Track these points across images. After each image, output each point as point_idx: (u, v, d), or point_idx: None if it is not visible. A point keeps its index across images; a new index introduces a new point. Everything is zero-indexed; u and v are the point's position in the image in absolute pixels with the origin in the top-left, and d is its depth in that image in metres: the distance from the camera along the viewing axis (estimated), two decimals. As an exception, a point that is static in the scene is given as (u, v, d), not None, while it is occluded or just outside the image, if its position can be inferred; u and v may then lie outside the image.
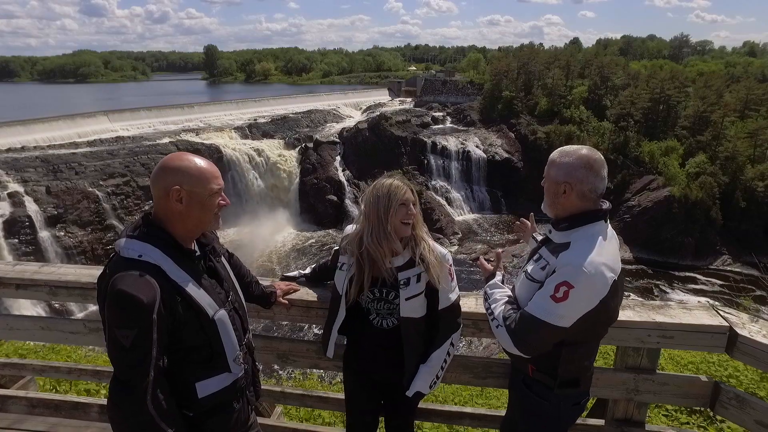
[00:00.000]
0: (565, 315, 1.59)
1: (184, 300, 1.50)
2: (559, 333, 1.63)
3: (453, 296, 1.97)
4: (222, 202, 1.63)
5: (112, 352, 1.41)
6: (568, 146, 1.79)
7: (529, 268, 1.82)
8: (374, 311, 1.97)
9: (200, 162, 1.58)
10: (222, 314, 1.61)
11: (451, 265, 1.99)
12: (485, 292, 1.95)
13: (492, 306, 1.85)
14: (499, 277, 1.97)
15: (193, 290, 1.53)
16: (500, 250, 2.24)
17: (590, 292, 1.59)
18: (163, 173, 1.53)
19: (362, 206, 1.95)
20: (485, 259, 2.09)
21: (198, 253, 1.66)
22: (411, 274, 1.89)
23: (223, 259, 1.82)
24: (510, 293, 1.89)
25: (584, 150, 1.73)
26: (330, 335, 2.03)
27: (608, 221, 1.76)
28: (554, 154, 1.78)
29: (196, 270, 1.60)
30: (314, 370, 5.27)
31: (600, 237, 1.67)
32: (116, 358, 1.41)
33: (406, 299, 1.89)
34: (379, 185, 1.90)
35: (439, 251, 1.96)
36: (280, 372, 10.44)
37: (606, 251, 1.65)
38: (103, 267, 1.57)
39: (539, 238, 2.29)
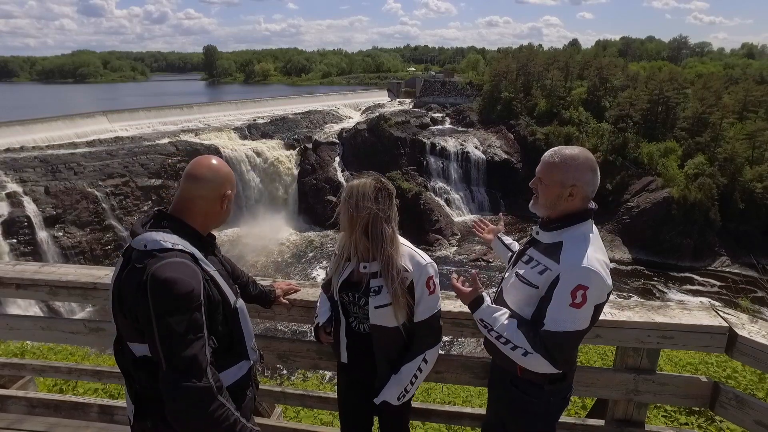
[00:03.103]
0: (586, 316, 1.64)
1: (215, 288, 1.56)
2: (583, 335, 1.68)
3: (431, 311, 1.86)
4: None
5: (164, 341, 1.37)
6: (563, 148, 1.78)
7: (521, 270, 1.80)
8: (352, 314, 1.94)
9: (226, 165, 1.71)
10: (241, 303, 1.69)
11: (430, 277, 1.84)
12: (481, 320, 1.80)
13: (505, 334, 1.72)
14: (487, 299, 1.83)
15: (220, 279, 1.60)
16: (474, 271, 2.05)
17: (601, 288, 1.63)
18: (218, 177, 1.63)
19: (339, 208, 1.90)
20: (459, 283, 1.89)
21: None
22: (382, 282, 1.82)
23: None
24: (506, 311, 1.80)
25: (584, 152, 1.75)
26: (340, 341, 2.00)
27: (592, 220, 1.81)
28: (554, 157, 1.74)
29: (216, 261, 1.68)
30: (316, 370, 5.27)
31: (591, 235, 1.72)
32: (171, 346, 1.37)
33: (375, 308, 1.83)
34: (351, 186, 1.83)
35: (416, 261, 1.84)
36: (286, 370, 10.42)
37: (598, 247, 1.70)
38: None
39: (507, 240, 2.30)
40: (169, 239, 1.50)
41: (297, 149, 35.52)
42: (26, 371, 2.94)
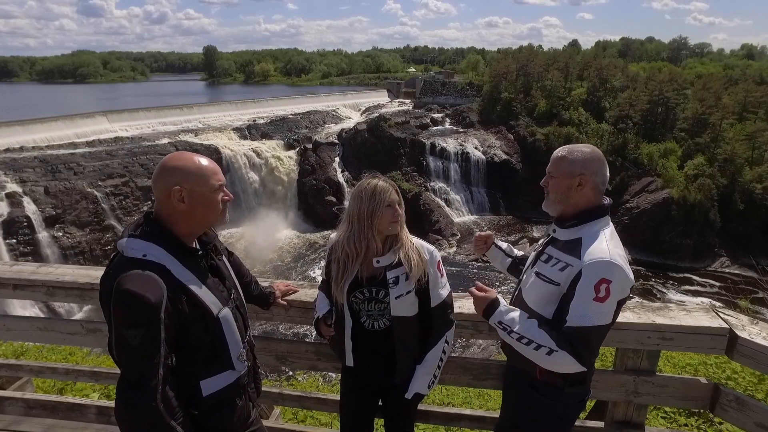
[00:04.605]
0: (610, 311, 1.62)
1: (189, 299, 1.50)
2: (607, 330, 1.65)
3: (444, 292, 1.94)
4: (225, 197, 1.63)
5: (120, 352, 1.40)
6: (571, 145, 1.81)
7: (541, 269, 1.79)
8: (365, 313, 1.93)
9: (199, 160, 1.57)
10: (226, 312, 1.62)
11: (439, 261, 1.96)
12: (500, 323, 1.76)
13: (527, 334, 1.68)
14: (504, 302, 1.81)
15: (198, 289, 1.53)
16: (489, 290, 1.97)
17: (624, 282, 1.61)
18: (163, 174, 1.53)
19: (347, 208, 1.93)
20: (475, 289, 1.87)
21: (200, 251, 1.65)
22: (399, 272, 1.88)
23: (224, 257, 1.82)
24: (523, 311, 1.78)
25: (591, 146, 1.79)
26: (345, 344, 1.99)
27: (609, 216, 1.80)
28: (562, 152, 1.78)
29: (200, 268, 1.60)
30: (315, 372, 5.26)
31: (608, 230, 1.72)
32: (125, 358, 1.40)
33: (396, 298, 1.88)
34: (364, 187, 1.88)
35: (426, 248, 1.94)
36: (285, 371, 10.40)
37: (617, 243, 1.70)
38: (102, 267, 1.55)
39: (503, 245, 2.28)
40: (141, 248, 1.46)
41: (297, 149, 35.50)
42: (24, 372, 2.92)
